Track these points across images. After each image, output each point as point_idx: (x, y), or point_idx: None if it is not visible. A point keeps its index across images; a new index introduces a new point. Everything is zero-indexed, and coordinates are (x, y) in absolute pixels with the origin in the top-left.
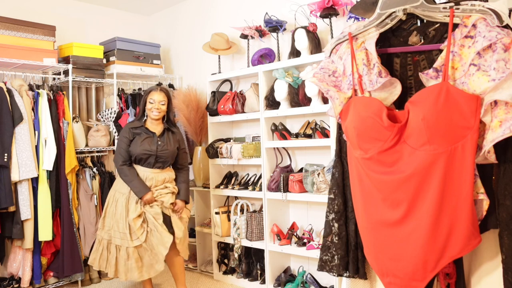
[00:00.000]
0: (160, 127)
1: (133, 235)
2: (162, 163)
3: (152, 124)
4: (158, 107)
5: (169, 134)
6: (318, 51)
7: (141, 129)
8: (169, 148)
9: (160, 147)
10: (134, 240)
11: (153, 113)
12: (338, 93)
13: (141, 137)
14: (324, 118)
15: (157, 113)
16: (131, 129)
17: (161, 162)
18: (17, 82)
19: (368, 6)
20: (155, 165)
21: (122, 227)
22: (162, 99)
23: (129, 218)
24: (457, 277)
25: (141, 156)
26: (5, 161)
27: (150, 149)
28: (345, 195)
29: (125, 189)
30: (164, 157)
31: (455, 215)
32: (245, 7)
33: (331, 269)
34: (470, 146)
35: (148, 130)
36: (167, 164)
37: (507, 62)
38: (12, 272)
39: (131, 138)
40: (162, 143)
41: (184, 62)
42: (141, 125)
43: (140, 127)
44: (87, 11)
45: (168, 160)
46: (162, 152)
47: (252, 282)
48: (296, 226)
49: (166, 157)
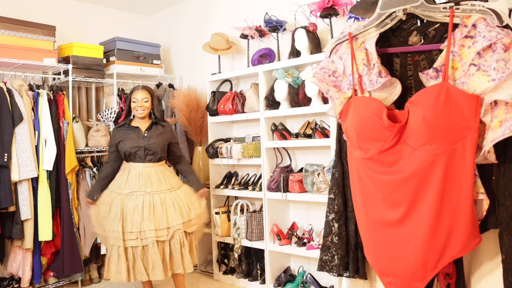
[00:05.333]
0: (147, 122)
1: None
2: (153, 155)
3: (139, 122)
4: (141, 105)
5: (157, 127)
6: (318, 51)
7: (125, 127)
8: (157, 139)
9: (147, 139)
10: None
11: (138, 111)
12: (338, 93)
13: (127, 134)
14: (324, 118)
15: (142, 110)
16: (116, 129)
17: (152, 155)
18: (17, 82)
19: (368, 6)
20: (146, 158)
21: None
22: (144, 96)
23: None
24: (457, 277)
25: (130, 150)
26: (5, 161)
27: (138, 142)
28: (345, 195)
29: (120, 189)
30: (153, 149)
31: (455, 215)
32: (245, 7)
33: (331, 269)
34: (470, 146)
35: (132, 126)
36: (158, 156)
37: (507, 62)
38: (12, 272)
39: (120, 139)
40: (149, 135)
41: (184, 62)
42: (125, 123)
43: (124, 125)
44: (87, 11)
45: (158, 151)
46: (150, 145)
47: (252, 282)
48: (296, 226)
49: (155, 148)
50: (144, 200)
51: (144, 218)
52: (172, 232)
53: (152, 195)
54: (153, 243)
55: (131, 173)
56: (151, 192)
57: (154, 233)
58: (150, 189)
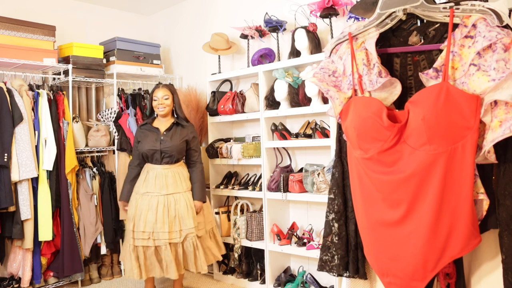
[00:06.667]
0: (168, 122)
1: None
2: (169, 157)
3: (161, 121)
4: (162, 102)
5: (177, 128)
6: (318, 51)
7: (146, 126)
8: (174, 142)
9: (164, 142)
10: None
11: (159, 109)
12: (338, 93)
13: (146, 135)
14: (324, 118)
15: (163, 108)
16: (139, 128)
17: (168, 157)
18: (17, 82)
19: (368, 6)
20: (163, 160)
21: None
22: (164, 94)
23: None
24: (457, 277)
25: (147, 153)
26: (5, 161)
27: (154, 145)
28: (345, 195)
29: (137, 189)
30: (169, 152)
31: (455, 215)
32: (245, 7)
33: (331, 269)
34: (470, 146)
35: (152, 127)
36: (175, 159)
37: (507, 62)
38: (12, 272)
39: (139, 139)
40: (166, 138)
41: (184, 62)
42: (147, 122)
43: (146, 124)
44: (87, 11)
45: (174, 154)
46: (165, 148)
47: (252, 282)
48: (296, 226)
49: (171, 151)
50: (158, 201)
51: (158, 220)
52: (184, 235)
53: (166, 197)
54: (166, 244)
55: (149, 174)
56: (165, 194)
57: (167, 235)
58: (165, 191)
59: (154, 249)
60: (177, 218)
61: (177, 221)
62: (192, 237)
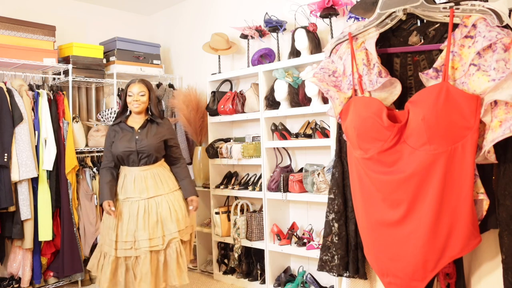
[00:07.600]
0: (142, 120)
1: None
2: (147, 158)
3: (134, 119)
4: (137, 99)
5: (152, 126)
6: (318, 51)
7: (120, 125)
8: (150, 141)
9: (139, 142)
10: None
11: (133, 105)
12: (338, 93)
13: (120, 135)
14: (324, 118)
15: (137, 105)
16: (111, 127)
17: (146, 157)
18: (17, 82)
19: (368, 6)
20: (141, 162)
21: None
22: (141, 90)
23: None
24: (457, 277)
25: (122, 155)
26: (5, 161)
27: (129, 146)
28: (345, 195)
29: (122, 195)
30: (147, 151)
31: (455, 215)
32: (245, 7)
33: (331, 269)
34: (470, 146)
35: (126, 125)
36: (153, 158)
37: (507, 62)
38: (12, 272)
39: (113, 139)
40: (141, 137)
41: (184, 62)
42: (121, 120)
43: (120, 123)
44: (87, 11)
45: (152, 153)
46: (142, 147)
47: (252, 282)
48: (296, 226)
49: (149, 151)
50: (139, 206)
51: (139, 227)
52: (167, 241)
53: (147, 201)
54: (146, 253)
55: (126, 178)
56: (146, 198)
57: (147, 242)
58: (146, 195)
59: (134, 259)
60: (159, 223)
61: (159, 226)
62: (176, 242)
